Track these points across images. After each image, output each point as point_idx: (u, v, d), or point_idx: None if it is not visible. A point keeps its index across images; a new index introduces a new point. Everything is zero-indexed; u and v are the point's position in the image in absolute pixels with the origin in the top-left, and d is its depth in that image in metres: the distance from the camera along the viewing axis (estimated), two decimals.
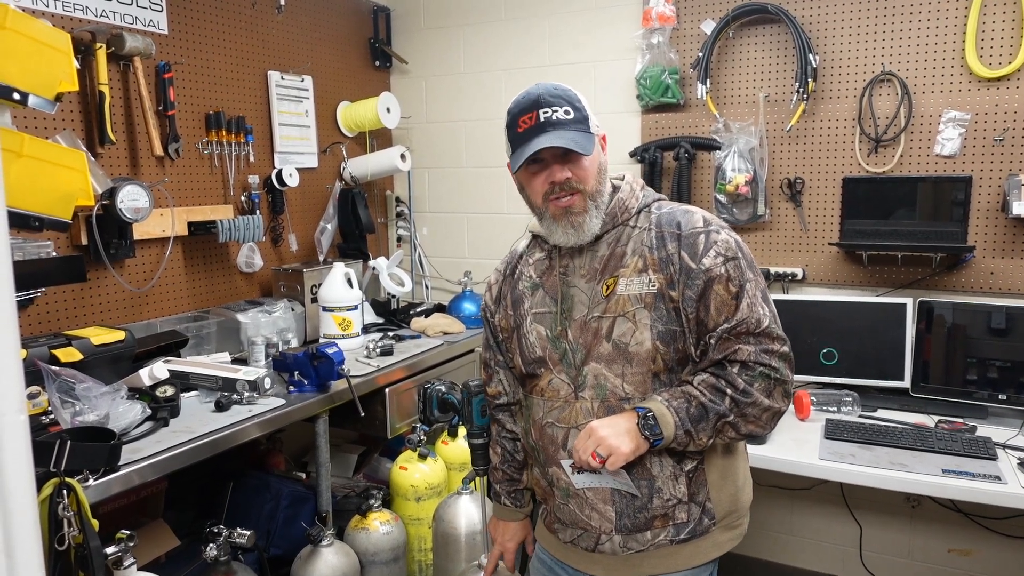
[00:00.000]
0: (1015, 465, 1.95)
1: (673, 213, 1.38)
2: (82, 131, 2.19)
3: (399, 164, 3.13)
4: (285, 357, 2.21)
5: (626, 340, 1.32)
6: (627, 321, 1.32)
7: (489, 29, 3.23)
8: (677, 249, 1.32)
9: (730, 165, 2.69)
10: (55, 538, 1.43)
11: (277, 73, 2.86)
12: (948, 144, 2.45)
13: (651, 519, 1.35)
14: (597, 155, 1.35)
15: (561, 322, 1.39)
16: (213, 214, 2.57)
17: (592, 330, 1.35)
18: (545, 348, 1.41)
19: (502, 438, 1.63)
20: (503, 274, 1.56)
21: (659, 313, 1.31)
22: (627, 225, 1.39)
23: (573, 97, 1.34)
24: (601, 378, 1.34)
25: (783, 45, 2.64)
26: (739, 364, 1.29)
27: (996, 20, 2.35)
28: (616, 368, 1.33)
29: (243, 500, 2.37)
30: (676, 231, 1.34)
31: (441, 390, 1.99)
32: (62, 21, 2.14)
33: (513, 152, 1.34)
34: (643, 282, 1.32)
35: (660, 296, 1.31)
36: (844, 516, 2.71)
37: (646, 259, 1.34)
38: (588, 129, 1.33)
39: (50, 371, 1.70)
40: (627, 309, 1.33)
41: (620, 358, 1.33)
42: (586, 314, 1.36)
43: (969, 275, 2.46)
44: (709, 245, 1.31)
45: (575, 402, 1.37)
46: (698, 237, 1.33)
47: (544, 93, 1.32)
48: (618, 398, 1.33)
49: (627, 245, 1.37)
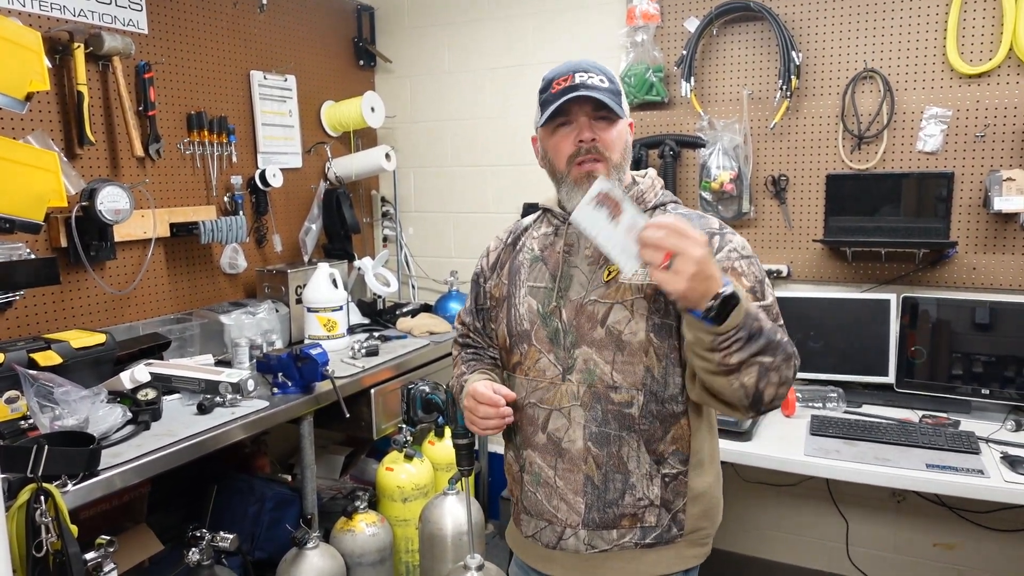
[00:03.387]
0: (998, 459, 1.96)
1: (689, 215, 1.37)
2: (60, 132, 2.17)
3: (384, 164, 3.11)
4: (269, 359, 2.20)
5: (620, 328, 1.30)
6: (624, 309, 1.30)
7: (473, 28, 3.22)
8: None
9: (715, 163, 2.69)
10: (32, 545, 1.41)
11: (260, 73, 2.84)
12: (930, 140, 2.46)
13: (619, 516, 1.33)
14: (626, 132, 1.36)
15: (556, 299, 1.36)
16: (195, 215, 2.55)
17: (587, 314, 1.33)
18: (534, 323, 1.38)
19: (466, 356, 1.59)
20: (504, 242, 1.53)
21: (657, 305, 1.29)
22: None
23: (611, 73, 1.35)
24: (591, 363, 1.32)
25: (766, 43, 2.65)
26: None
27: (976, 17, 2.36)
28: (607, 355, 1.31)
29: (227, 503, 2.35)
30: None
31: (425, 390, 1.97)
32: (39, 20, 2.11)
33: (543, 111, 1.33)
34: (647, 273, 1.27)
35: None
36: (830, 511, 2.72)
37: None
38: (620, 103, 1.33)
39: (28, 375, 1.67)
40: (626, 298, 1.30)
41: (612, 345, 1.31)
42: (583, 296, 1.34)
43: (952, 270, 2.48)
44: (724, 244, 1.31)
45: (561, 384, 1.35)
46: (712, 236, 1.32)
47: (583, 61, 1.34)
48: (605, 385, 1.31)
49: None
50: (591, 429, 1.32)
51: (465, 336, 1.62)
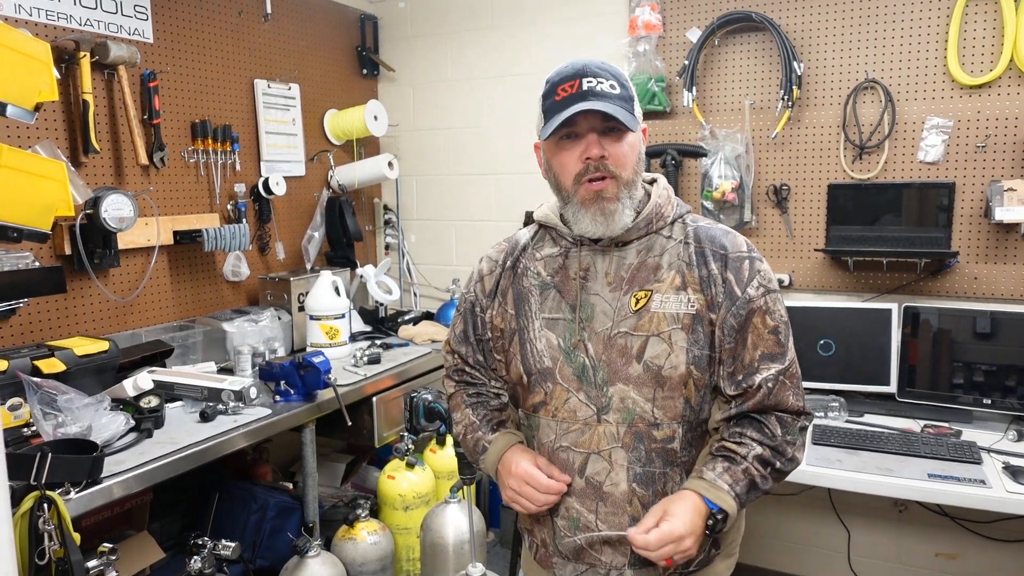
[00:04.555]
0: (1000, 469, 1.96)
1: (713, 230, 1.28)
2: (66, 140, 2.18)
3: (387, 172, 3.12)
4: (271, 366, 2.20)
5: (660, 363, 1.21)
6: (662, 342, 1.21)
7: (476, 37, 3.23)
8: (722, 271, 1.23)
9: (717, 172, 2.70)
10: (35, 552, 1.41)
11: (264, 81, 2.86)
12: (931, 151, 2.47)
13: None
14: (638, 142, 1.24)
15: (579, 332, 1.26)
16: (199, 223, 2.56)
17: (619, 348, 1.23)
18: (556, 360, 1.27)
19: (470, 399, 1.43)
20: (500, 265, 1.38)
21: (696, 336, 1.21)
22: (660, 234, 1.27)
23: (621, 75, 1.22)
24: (629, 401, 1.23)
25: (768, 53, 2.66)
26: (776, 418, 1.23)
27: (977, 28, 2.37)
28: (647, 392, 1.22)
29: (229, 511, 2.35)
30: (722, 251, 1.25)
31: (427, 399, 1.99)
32: (45, 30, 2.13)
33: (546, 121, 1.19)
34: (681, 301, 1.22)
35: (699, 318, 1.22)
36: (832, 521, 2.71)
37: (684, 276, 1.23)
38: (633, 111, 1.21)
39: (32, 383, 1.68)
40: (662, 329, 1.21)
41: (652, 381, 1.22)
42: (610, 328, 1.24)
43: (953, 280, 2.48)
44: (754, 274, 1.24)
45: (597, 425, 1.24)
46: (743, 262, 1.24)
47: (590, 63, 1.20)
48: (647, 423, 1.23)
49: (661, 256, 1.25)
50: (635, 470, 1.24)
51: (460, 371, 1.45)
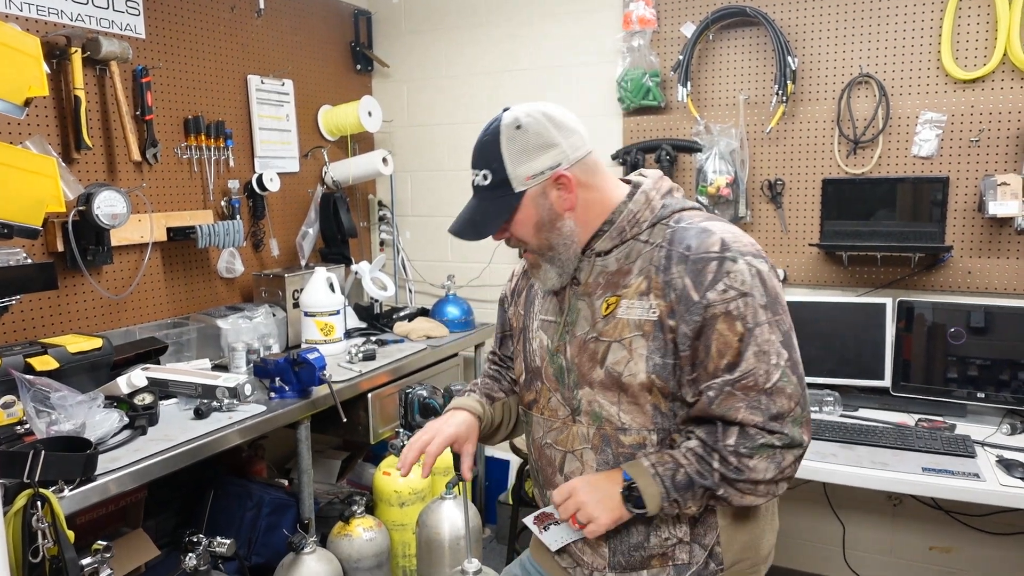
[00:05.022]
0: (993, 462, 1.97)
1: (688, 230, 1.19)
2: (58, 136, 2.17)
3: (381, 168, 3.12)
4: (266, 363, 2.19)
5: (619, 369, 1.20)
6: (623, 348, 1.20)
7: (470, 33, 3.23)
8: (682, 274, 1.16)
9: (711, 167, 2.70)
10: (29, 550, 1.41)
11: (257, 77, 2.84)
12: (925, 145, 2.47)
13: (648, 558, 1.25)
14: (529, 212, 1.21)
15: (562, 336, 1.29)
16: (192, 219, 2.55)
17: (588, 352, 1.24)
18: (544, 360, 1.32)
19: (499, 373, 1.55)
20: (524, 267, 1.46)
21: (657, 344, 1.17)
22: (637, 240, 1.23)
23: (494, 155, 1.19)
24: (595, 405, 1.24)
25: (762, 48, 2.66)
26: (738, 428, 1.14)
27: (971, 23, 2.38)
28: (611, 396, 1.22)
29: (224, 508, 2.35)
30: (686, 252, 1.17)
31: (422, 395, 1.98)
32: (36, 25, 2.11)
33: None
34: (644, 307, 1.19)
35: (660, 325, 1.17)
36: (827, 515, 2.72)
37: (651, 281, 1.19)
38: (506, 192, 1.20)
39: (25, 380, 1.67)
40: (624, 335, 1.20)
41: (614, 387, 1.21)
42: (586, 332, 1.25)
43: (947, 275, 2.49)
44: (720, 275, 1.14)
45: (572, 425, 1.28)
46: (709, 263, 1.15)
47: (476, 149, 1.23)
48: (614, 427, 1.23)
49: (635, 262, 1.22)
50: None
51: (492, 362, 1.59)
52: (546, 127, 1.20)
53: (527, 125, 1.19)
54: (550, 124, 1.20)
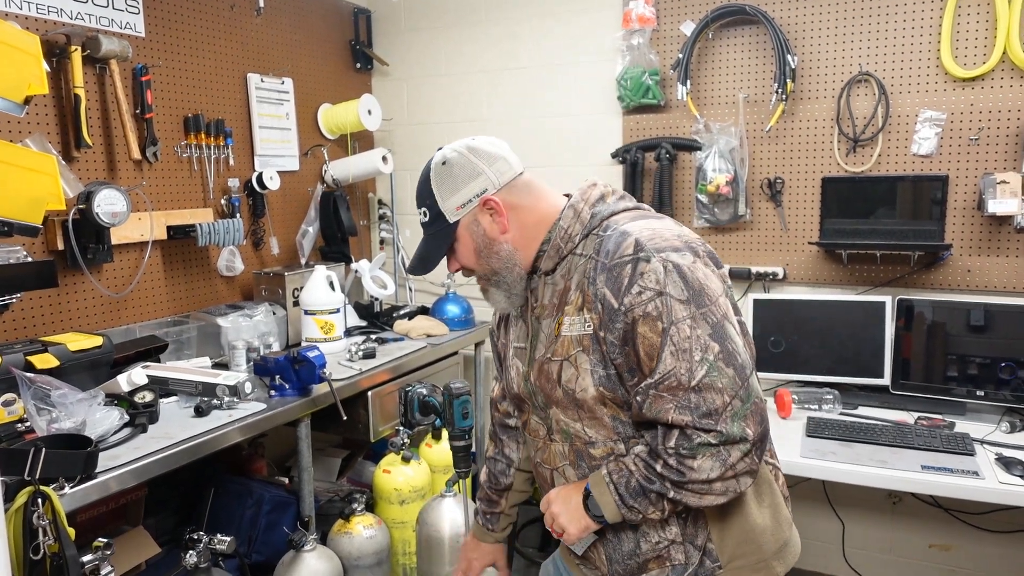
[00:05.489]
0: (992, 460, 1.97)
1: (610, 238, 1.19)
2: (58, 135, 2.17)
3: (381, 166, 3.12)
4: (266, 361, 2.19)
5: (572, 386, 1.22)
6: (571, 366, 1.22)
7: (470, 31, 3.23)
8: (604, 283, 1.16)
9: (711, 165, 2.70)
10: (30, 547, 1.41)
11: (257, 75, 2.84)
12: (925, 143, 2.47)
13: (644, 563, 1.25)
14: (466, 240, 1.29)
15: (529, 361, 1.32)
16: (192, 218, 2.55)
17: (546, 374, 1.27)
18: (520, 386, 1.36)
19: (492, 459, 1.60)
20: None
21: (597, 356, 1.18)
22: (574, 254, 1.24)
23: (428, 192, 1.30)
24: (563, 423, 1.27)
25: (762, 46, 2.66)
26: (677, 430, 1.11)
27: (970, 21, 2.38)
28: (572, 414, 1.25)
29: (224, 506, 2.35)
30: (605, 261, 1.17)
31: (422, 393, 1.97)
32: (36, 23, 2.11)
33: None
34: (581, 322, 1.20)
35: (595, 338, 1.18)
36: (827, 513, 2.73)
37: (584, 295, 1.20)
38: (442, 225, 1.29)
39: (25, 378, 1.67)
40: (570, 352, 1.22)
41: (572, 404, 1.24)
42: (543, 354, 1.27)
43: (947, 273, 2.49)
44: (635, 278, 1.13)
45: (551, 444, 1.32)
46: (624, 268, 1.14)
47: (416, 190, 1.34)
48: (583, 442, 1.26)
49: (573, 277, 1.23)
50: None
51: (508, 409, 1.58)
52: (469, 160, 1.27)
53: (452, 160, 1.27)
54: (472, 156, 1.27)
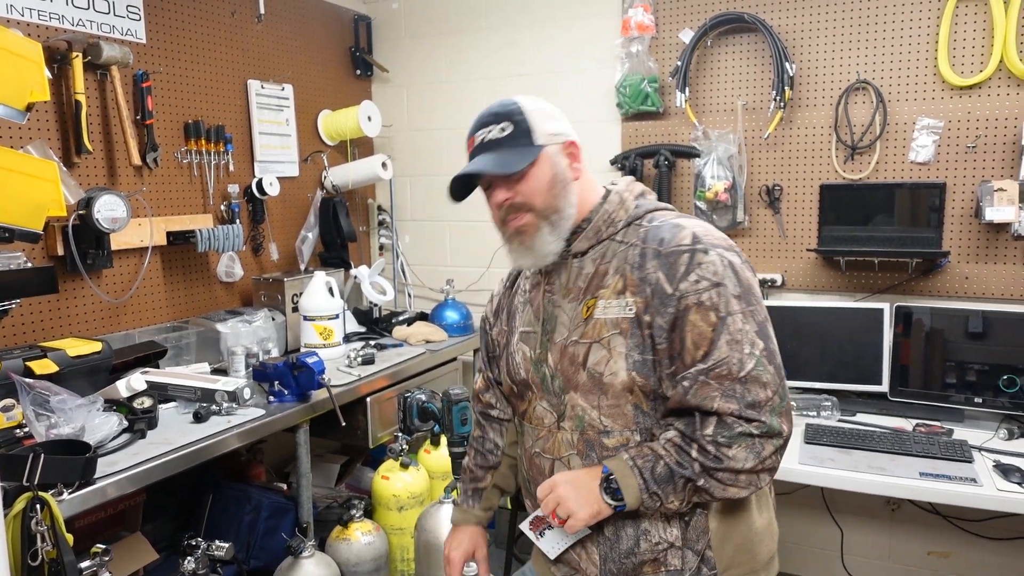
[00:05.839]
0: (991, 467, 1.97)
1: (661, 227, 1.22)
2: (58, 141, 2.17)
3: (380, 172, 3.12)
4: (265, 367, 2.20)
5: (600, 370, 1.21)
6: (602, 348, 1.21)
7: (470, 38, 3.24)
8: (656, 268, 1.18)
9: (709, 172, 2.71)
10: (28, 553, 1.41)
11: (257, 82, 2.85)
12: (922, 151, 2.48)
13: (639, 564, 1.23)
14: (546, 168, 1.24)
15: (543, 344, 1.30)
16: (192, 224, 2.55)
17: (570, 356, 1.25)
18: (528, 371, 1.33)
19: (479, 439, 1.56)
20: (505, 286, 1.48)
21: (635, 340, 1.18)
22: (613, 240, 1.26)
23: (515, 111, 1.25)
24: (579, 409, 1.24)
25: (760, 54, 2.67)
26: (716, 418, 1.13)
27: (967, 30, 2.39)
28: (592, 399, 1.23)
29: (223, 512, 2.35)
30: (659, 247, 1.19)
31: (421, 399, 1.99)
32: (37, 30, 2.12)
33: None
34: (621, 305, 1.20)
35: (636, 322, 1.19)
36: (825, 520, 2.73)
37: (627, 279, 1.21)
38: (529, 143, 1.24)
39: (24, 384, 1.68)
40: (602, 335, 1.21)
41: (596, 389, 1.22)
42: (566, 337, 1.26)
43: (945, 280, 2.50)
44: (692, 267, 1.16)
45: (557, 432, 1.29)
46: (680, 256, 1.17)
47: (486, 112, 1.29)
48: (596, 431, 1.23)
49: (611, 262, 1.25)
50: None
51: (490, 400, 1.54)
52: (553, 108, 1.31)
53: (539, 101, 1.30)
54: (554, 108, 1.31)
